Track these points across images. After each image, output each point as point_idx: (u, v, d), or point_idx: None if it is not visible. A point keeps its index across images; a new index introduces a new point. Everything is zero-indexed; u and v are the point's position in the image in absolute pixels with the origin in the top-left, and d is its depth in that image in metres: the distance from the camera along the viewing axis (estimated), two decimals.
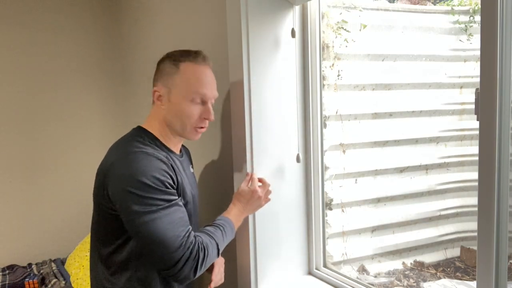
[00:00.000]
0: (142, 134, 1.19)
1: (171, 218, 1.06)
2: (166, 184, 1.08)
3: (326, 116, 1.70)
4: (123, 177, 1.06)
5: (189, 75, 1.19)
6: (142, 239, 1.07)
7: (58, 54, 2.68)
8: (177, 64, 1.20)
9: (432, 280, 1.97)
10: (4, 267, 2.47)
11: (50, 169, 2.70)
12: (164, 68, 1.21)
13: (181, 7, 1.87)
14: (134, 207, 1.04)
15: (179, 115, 1.19)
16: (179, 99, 1.19)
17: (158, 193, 1.05)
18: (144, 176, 1.04)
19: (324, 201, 1.55)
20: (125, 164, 1.07)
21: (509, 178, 0.95)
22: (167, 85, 1.19)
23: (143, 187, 1.04)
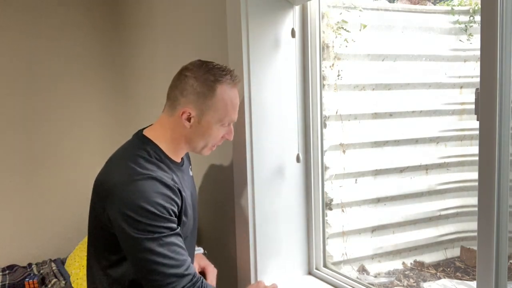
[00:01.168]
0: (147, 148, 1.13)
1: (172, 247, 1.03)
2: (170, 211, 1.05)
3: (326, 116, 1.70)
4: (126, 202, 1.02)
5: (226, 101, 1.14)
6: (141, 268, 1.04)
7: (58, 54, 2.68)
8: (214, 86, 1.12)
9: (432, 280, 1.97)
10: (4, 267, 2.47)
11: (50, 169, 2.70)
12: (197, 88, 1.12)
13: (181, 8, 1.87)
14: (135, 233, 1.01)
15: (205, 137, 1.16)
16: (211, 123, 1.15)
17: (162, 221, 1.02)
18: (148, 203, 1.01)
19: (324, 201, 1.55)
20: (130, 189, 1.03)
21: (509, 178, 0.95)
22: (200, 107, 1.12)
23: (147, 214, 1.01)
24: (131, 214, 1.01)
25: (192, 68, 1.15)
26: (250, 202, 1.42)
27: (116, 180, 1.06)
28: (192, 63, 1.18)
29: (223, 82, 1.14)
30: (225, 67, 1.17)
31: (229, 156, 1.53)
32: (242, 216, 1.46)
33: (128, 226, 1.01)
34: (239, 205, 1.48)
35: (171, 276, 1.02)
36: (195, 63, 1.17)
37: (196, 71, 1.14)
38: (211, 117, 1.14)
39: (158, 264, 1.01)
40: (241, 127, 1.42)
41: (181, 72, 1.17)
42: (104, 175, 1.12)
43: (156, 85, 2.19)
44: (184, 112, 1.13)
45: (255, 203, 1.43)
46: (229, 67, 1.18)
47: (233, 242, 1.53)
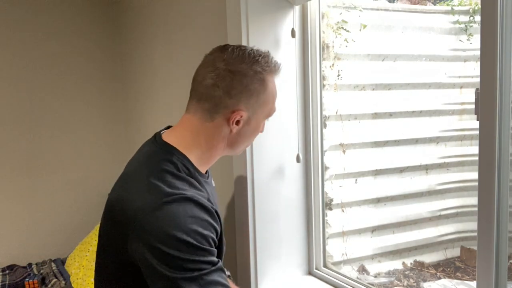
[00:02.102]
0: (173, 159, 0.90)
1: (216, 286, 0.81)
2: (209, 240, 0.83)
3: (326, 116, 1.70)
4: (155, 232, 0.80)
5: (274, 93, 1.00)
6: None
7: (58, 55, 2.68)
8: (264, 79, 0.96)
9: (432, 280, 1.97)
10: (4, 267, 2.47)
11: (51, 169, 2.70)
12: (248, 84, 0.93)
13: (181, 8, 1.87)
14: (168, 271, 0.78)
15: (251, 137, 1.01)
16: (259, 121, 0.99)
17: (201, 254, 0.80)
18: (184, 232, 0.79)
19: (324, 201, 1.55)
20: (158, 215, 0.80)
21: (509, 178, 0.95)
22: (253, 106, 0.95)
23: (182, 246, 0.79)
24: (162, 247, 0.78)
25: (230, 58, 0.93)
26: (250, 202, 1.42)
27: (140, 204, 0.83)
28: (223, 51, 0.95)
29: (270, 71, 0.98)
30: (264, 52, 0.99)
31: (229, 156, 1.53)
32: (242, 216, 1.46)
33: (158, 262, 0.79)
34: (239, 205, 1.48)
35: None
36: (228, 51, 0.95)
37: (239, 63, 0.93)
38: (261, 113, 0.98)
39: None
40: None
41: (216, 65, 0.93)
42: (123, 195, 0.89)
43: (157, 85, 2.19)
44: (235, 116, 0.93)
45: (255, 203, 1.43)
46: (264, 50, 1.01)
47: (233, 242, 1.53)
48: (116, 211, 0.89)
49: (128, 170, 0.95)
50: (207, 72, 0.94)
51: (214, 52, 0.97)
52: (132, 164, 0.96)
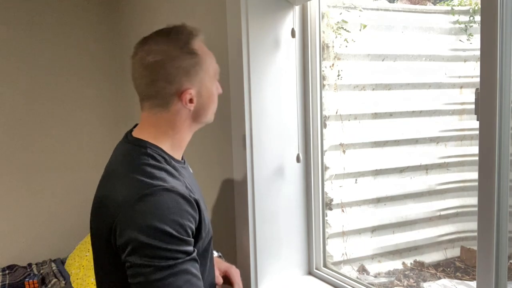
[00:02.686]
0: (148, 151, 0.95)
1: (187, 276, 0.84)
2: (187, 230, 0.87)
3: (326, 116, 1.70)
4: (137, 221, 0.83)
5: (208, 54, 1.02)
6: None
7: (57, 54, 2.68)
8: (192, 50, 0.97)
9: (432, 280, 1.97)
10: (4, 267, 2.47)
11: (50, 169, 2.70)
12: (181, 63, 0.95)
13: (181, 7, 1.87)
14: (142, 259, 0.82)
15: (210, 104, 1.03)
16: (209, 87, 1.01)
17: (178, 243, 0.84)
18: (164, 222, 0.83)
19: (324, 201, 1.55)
20: (139, 207, 0.84)
21: (509, 178, 0.95)
22: (196, 79, 0.98)
23: (161, 236, 0.82)
24: (142, 238, 0.82)
25: (154, 49, 0.96)
26: (250, 202, 1.42)
27: (122, 198, 0.87)
28: (144, 44, 0.99)
29: (193, 39, 0.99)
30: (177, 25, 1.02)
31: (229, 156, 1.53)
32: (242, 216, 1.46)
33: (135, 252, 0.83)
34: (239, 205, 1.48)
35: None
36: (147, 43, 0.99)
37: (162, 50, 0.96)
38: (208, 80, 1.01)
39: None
40: (241, 127, 1.42)
41: (144, 62, 0.97)
42: (106, 193, 0.93)
43: None
44: (184, 97, 0.96)
45: (255, 203, 1.43)
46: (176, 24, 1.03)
47: (233, 242, 1.53)
48: (102, 208, 0.93)
49: (109, 169, 0.99)
50: (140, 72, 0.98)
51: (137, 51, 1.00)
52: (112, 164, 1.00)
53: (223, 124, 1.57)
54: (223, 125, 1.57)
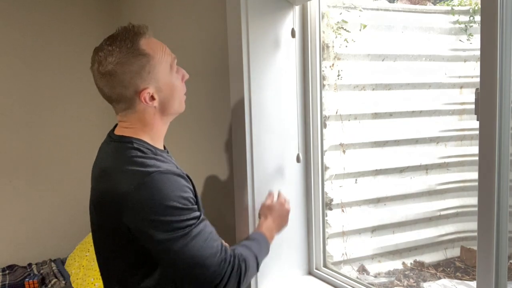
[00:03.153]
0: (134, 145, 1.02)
1: (204, 235, 0.97)
2: (190, 200, 0.98)
3: (326, 116, 1.70)
4: (147, 207, 0.93)
5: (157, 50, 1.04)
6: (180, 266, 0.96)
7: (57, 52, 2.68)
8: (139, 49, 1.01)
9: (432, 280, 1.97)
10: (4, 267, 2.47)
11: (50, 168, 2.70)
12: (129, 67, 1.00)
13: (181, 7, 1.87)
14: (165, 235, 0.93)
15: (174, 95, 1.07)
16: (168, 80, 1.05)
17: (187, 213, 0.95)
18: (170, 199, 0.93)
19: (324, 201, 1.55)
20: (144, 192, 0.93)
21: (509, 178, 0.95)
22: (149, 77, 1.02)
23: (172, 211, 0.93)
24: (156, 217, 0.92)
25: (104, 58, 1.01)
26: (250, 202, 1.42)
27: (125, 188, 0.94)
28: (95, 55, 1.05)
29: (139, 39, 1.02)
30: (122, 28, 1.05)
31: (229, 156, 1.53)
32: (242, 216, 1.46)
33: (156, 231, 0.93)
34: (239, 205, 1.48)
35: (217, 265, 0.97)
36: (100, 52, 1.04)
37: (112, 56, 1.00)
38: (164, 75, 1.04)
39: (196, 258, 0.95)
40: (241, 127, 1.42)
41: (100, 71, 1.03)
42: (106, 188, 1.00)
43: None
44: (144, 97, 1.02)
45: (255, 203, 1.43)
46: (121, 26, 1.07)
47: (233, 242, 1.53)
48: (104, 203, 1.01)
49: (101, 167, 1.06)
50: (99, 81, 1.06)
51: (93, 61, 1.07)
52: (102, 162, 1.07)
53: (223, 124, 1.57)
54: (223, 125, 1.58)
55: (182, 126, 1.82)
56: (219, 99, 1.58)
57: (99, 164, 1.09)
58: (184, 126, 1.83)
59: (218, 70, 1.57)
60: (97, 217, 1.06)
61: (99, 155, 1.13)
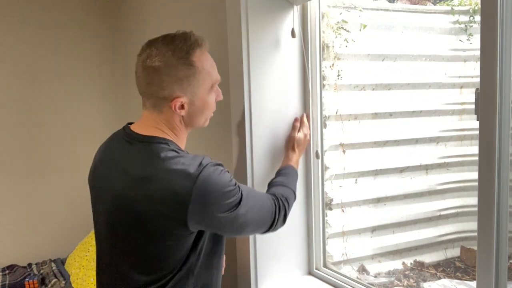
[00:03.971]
0: (166, 146, 1.06)
1: (251, 193, 1.12)
2: (232, 178, 1.09)
3: (326, 116, 1.70)
4: (212, 197, 1.01)
5: (207, 68, 1.08)
6: (249, 227, 1.12)
7: (57, 51, 2.68)
8: (190, 61, 1.04)
9: (432, 280, 1.97)
10: (4, 267, 2.47)
11: (50, 168, 2.70)
12: (175, 72, 1.03)
13: (181, 7, 1.87)
14: (232, 212, 1.05)
15: (204, 112, 1.11)
16: (204, 97, 1.09)
17: (237, 190, 1.07)
18: (225, 186, 1.04)
19: (324, 201, 1.55)
20: (204, 185, 1.00)
21: (509, 178, 0.95)
22: (189, 89, 1.05)
23: (229, 194, 1.04)
24: (224, 202, 1.03)
25: (155, 54, 1.04)
26: None
27: (183, 189, 0.98)
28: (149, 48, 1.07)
29: (195, 51, 1.05)
30: (184, 33, 1.07)
31: (229, 156, 1.53)
32: None
33: (228, 212, 1.04)
34: None
35: (269, 209, 1.15)
36: (153, 47, 1.06)
37: (162, 56, 1.03)
38: (202, 91, 1.08)
39: (259, 212, 1.12)
40: (241, 126, 1.42)
41: (146, 65, 1.05)
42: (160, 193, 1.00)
43: None
44: (175, 104, 1.05)
45: None
46: (185, 31, 1.09)
47: (233, 242, 1.53)
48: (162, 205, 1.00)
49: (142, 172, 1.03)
50: (140, 73, 1.08)
51: (142, 52, 1.08)
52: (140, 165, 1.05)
53: (224, 124, 1.57)
54: (224, 125, 1.57)
55: None
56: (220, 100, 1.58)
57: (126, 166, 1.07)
58: None
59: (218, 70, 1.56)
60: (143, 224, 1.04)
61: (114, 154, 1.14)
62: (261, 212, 1.14)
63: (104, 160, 1.19)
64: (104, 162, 1.18)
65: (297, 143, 1.43)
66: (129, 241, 1.09)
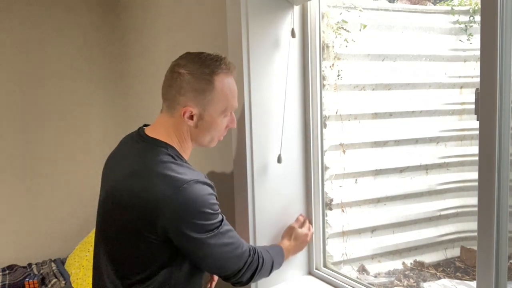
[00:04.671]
0: (166, 151, 1.11)
1: (230, 233, 1.11)
2: (217, 206, 1.10)
3: (326, 116, 1.70)
4: (185, 210, 1.03)
5: (225, 92, 1.13)
6: (211, 258, 1.10)
7: (57, 53, 2.68)
8: (211, 80, 1.11)
9: (432, 280, 1.97)
10: (4, 267, 2.47)
11: (50, 168, 2.70)
12: (194, 84, 1.10)
13: (181, 7, 1.87)
14: (199, 235, 1.05)
15: (211, 131, 1.16)
16: (214, 117, 1.14)
17: (216, 217, 1.08)
18: (205, 206, 1.05)
19: (324, 201, 1.55)
20: (182, 199, 1.03)
21: (509, 178, 0.95)
22: (201, 103, 1.11)
23: (207, 216, 1.05)
24: (193, 221, 1.03)
25: (184, 63, 1.12)
26: (250, 202, 1.42)
27: (163, 194, 1.03)
28: (182, 57, 1.15)
29: (219, 73, 1.12)
30: (218, 56, 1.15)
31: (229, 156, 1.53)
32: (242, 216, 1.46)
33: (192, 231, 1.04)
34: (239, 205, 1.48)
35: (239, 256, 1.13)
36: (186, 57, 1.14)
37: (190, 66, 1.11)
38: (214, 110, 1.13)
39: (227, 253, 1.10)
40: (241, 127, 1.42)
41: (173, 70, 1.14)
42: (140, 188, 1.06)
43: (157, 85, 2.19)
44: (185, 112, 1.11)
45: (255, 203, 1.43)
46: (221, 54, 1.17)
47: None
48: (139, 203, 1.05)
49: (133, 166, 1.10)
50: (166, 75, 1.16)
51: (177, 59, 1.16)
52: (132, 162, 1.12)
53: None
54: None
55: None
56: None
57: (124, 161, 1.15)
58: None
59: None
60: (122, 214, 1.10)
61: (122, 150, 1.21)
62: (231, 254, 1.12)
63: (113, 157, 1.24)
64: (112, 159, 1.24)
65: (295, 235, 1.43)
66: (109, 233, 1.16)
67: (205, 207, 1.05)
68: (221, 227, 1.09)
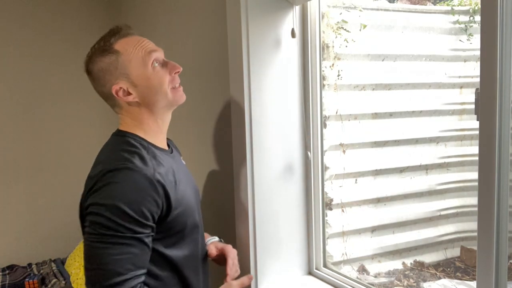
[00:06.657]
0: (127, 139, 1.05)
1: (123, 251, 0.92)
2: (145, 212, 0.94)
3: (326, 116, 1.70)
4: (102, 194, 0.94)
5: (128, 46, 1.06)
6: (86, 260, 0.96)
7: (57, 53, 2.68)
8: (111, 50, 1.05)
9: (432, 280, 1.97)
10: (4, 267, 2.47)
11: (50, 168, 2.70)
12: (103, 66, 1.05)
13: (181, 8, 1.87)
14: (93, 229, 0.93)
15: (152, 88, 1.06)
16: (141, 74, 1.05)
17: (130, 221, 0.93)
18: (121, 200, 0.92)
19: (324, 201, 1.55)
20: (107, 180, 0.95)
21: (509, 178, 0.95)
22: (120, 73, 1.04)
23: (116, 212, 0.92)
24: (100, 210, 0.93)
25: (88, 57, 1.09)
26: (250, 202, 1.42)
27: (95, 172, 0.99)
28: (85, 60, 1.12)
29: (114, 42, 1.05)
30: (105, 34, 1.09)
31: (229, 156, 1.53)
32: (242, 216, 1.46)
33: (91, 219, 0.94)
34: (239, 205, 1.48)
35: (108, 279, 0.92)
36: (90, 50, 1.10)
37: (91, 55, 1.07)
38: (135, 69, 1.05)
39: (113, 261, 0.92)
40: (241, 127, 1.42)
41: (87, 73, 1.11)
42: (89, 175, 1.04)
43: None
44: (117, 92, 1.05)
45: (255, 203, 1.43)
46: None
47: (233, 242, 1.53)
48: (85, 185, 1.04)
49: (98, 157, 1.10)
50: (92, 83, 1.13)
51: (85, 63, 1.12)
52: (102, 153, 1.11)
53: (223, 124, 1.57)
54: (223, 125, 1.57)
55: (181, 126, 1.82)
56: (219, 99, 1.58)
57: None
58: (184, 126, 1.83)
59: (218, 70, 1.57)
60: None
61: None
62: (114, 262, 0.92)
63: None
64: None
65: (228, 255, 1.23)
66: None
67: (121, 201, 0.93)
68: (125, 237, 0.93)
